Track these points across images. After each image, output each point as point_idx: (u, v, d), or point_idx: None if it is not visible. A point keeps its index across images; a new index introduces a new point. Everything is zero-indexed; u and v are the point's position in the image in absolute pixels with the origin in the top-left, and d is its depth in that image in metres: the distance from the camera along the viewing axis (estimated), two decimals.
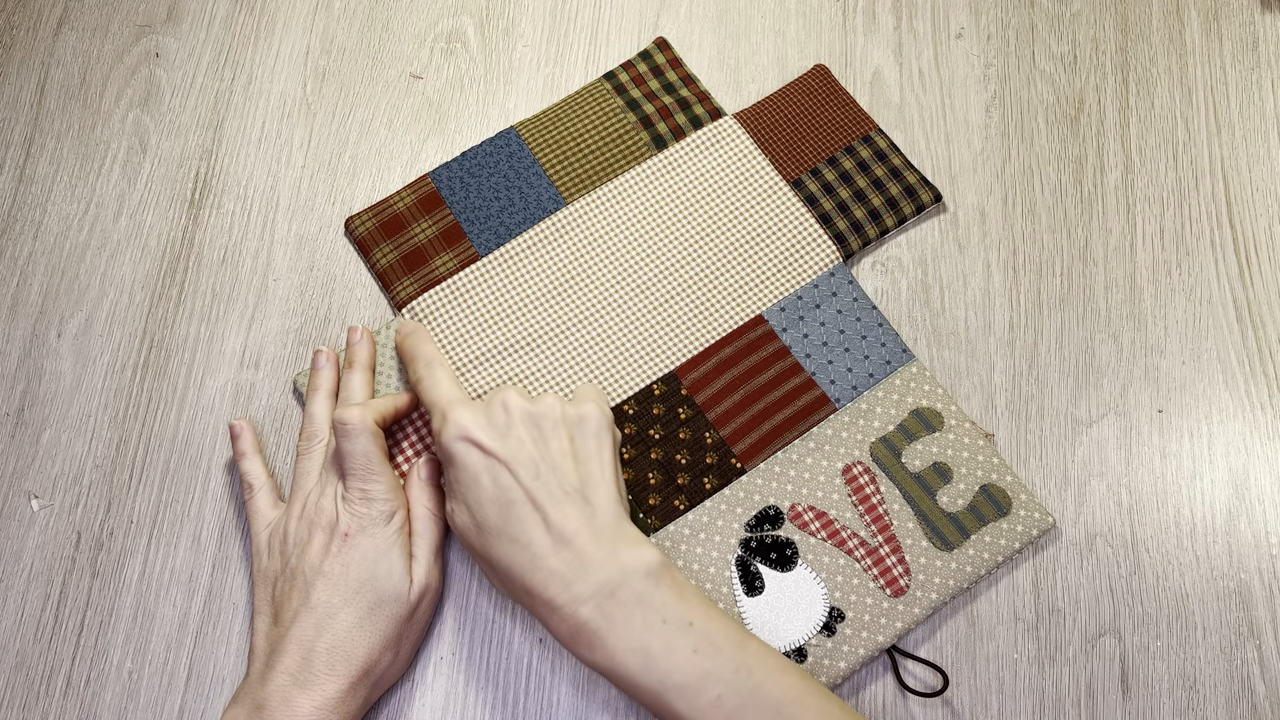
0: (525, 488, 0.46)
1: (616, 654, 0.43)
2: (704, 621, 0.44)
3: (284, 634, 0.46)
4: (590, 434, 0.48)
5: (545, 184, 0.59)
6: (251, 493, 0.52)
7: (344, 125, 0.62)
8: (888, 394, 0.54)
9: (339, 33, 0.65)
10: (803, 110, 0.61)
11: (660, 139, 0.60)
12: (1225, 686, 0.49)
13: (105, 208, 0.60)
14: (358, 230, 0.59)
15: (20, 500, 0.54)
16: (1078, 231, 0.58)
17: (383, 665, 0.47)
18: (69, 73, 0.64)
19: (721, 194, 0.59)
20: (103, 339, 0.57)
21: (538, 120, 0.61)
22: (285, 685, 0.45)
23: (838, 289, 0.56)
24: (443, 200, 0.59)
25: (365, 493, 0.49)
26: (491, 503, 0.46)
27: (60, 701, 0.51)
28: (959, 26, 0.63)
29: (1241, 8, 0.63)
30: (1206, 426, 0.54)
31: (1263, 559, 0.51)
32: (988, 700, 0.49)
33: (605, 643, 0.43)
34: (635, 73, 0.62)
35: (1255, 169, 0.59)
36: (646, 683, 0.43)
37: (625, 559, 0.45)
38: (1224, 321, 0.56)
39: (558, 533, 0.45)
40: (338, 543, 0.48)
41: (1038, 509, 0.52)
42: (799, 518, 0.52)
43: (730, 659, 0.43)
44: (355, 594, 0.47)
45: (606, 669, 0.44)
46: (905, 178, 0.59)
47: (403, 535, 0.49)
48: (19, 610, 0.52)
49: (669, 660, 0.43)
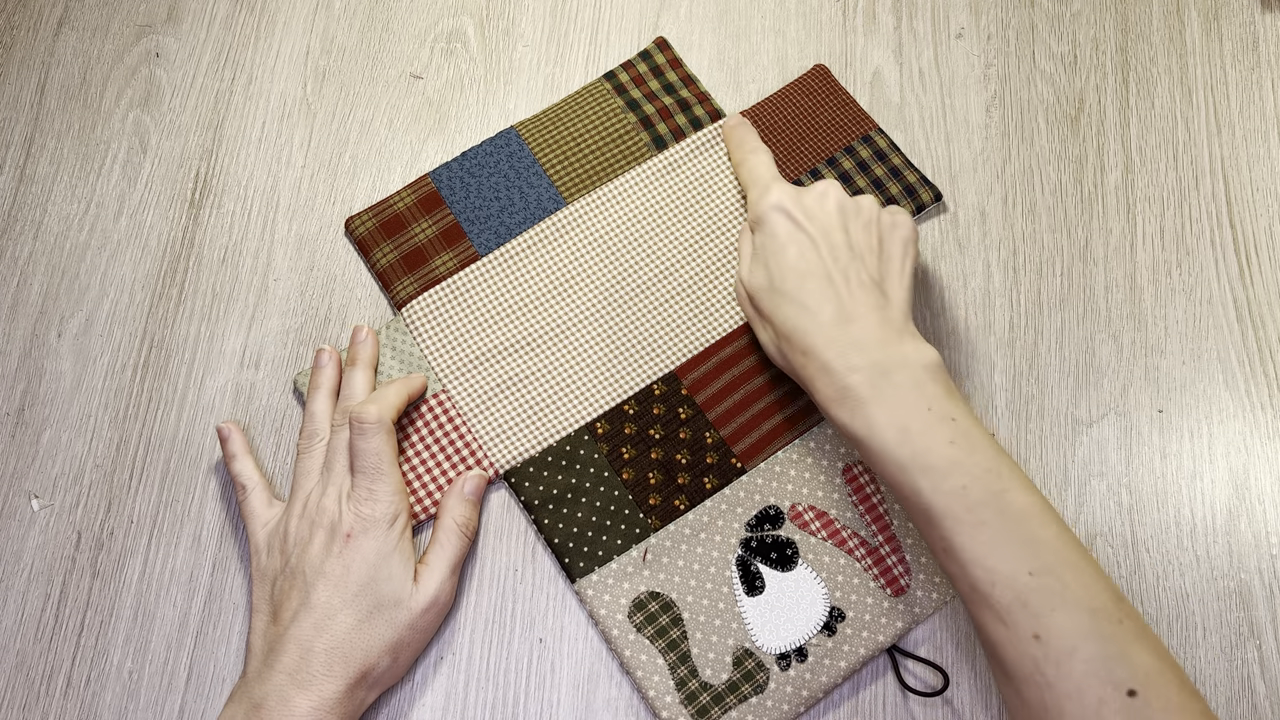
0: (827, 265, 0.48)
1: (876, 423, 0.44)
2: (966, 421, 0.45)
3: (283, 633, 0.46)
4: (900, 240, 0.50)
5: (545, 184, 0.59)
6: (245, 493, 0.52)
7: (344, 125, 0.62)
8: None
9: (339, 33, 0.65)
10: (803, 110, 0.61)
11: (660, 139, 0.60)
12: (1225, 686, 0.49)
13: (105, 208, 0.60)
14: (358, 230, 0.59)
15: (20, 500, 0.54)
16: (1078, 231, 0.58)
17: (381, 668, 0.47)
18: (69, 73, 0.64)
19: (721, 195, 0.59)
20: (103, 339, 0.57)
21: (538, 120, 0.61)
22: (283, 684, 0.45)
23: None
24: (443, 200, 0.59)
25: (371, 492, 0.49)
26: (792, 270, 0.49)
27: (60, 701, 0.51)
28: (959, 26, 0.63)
29: (1241, 8, 0.63)
30: (1207, 426, 0.54)
31: (1263, 559, 0.51)
32: (988, 700, 0.49)
33: (867, 410, 0.45)
34: (635, 73, 0.62)
35: (1255, 169, 0.59)
36: (898, 456, 0.44)
37: (908, 349, 0.46)
38: (1224, 321, 0.56)
39: (848, 311, 0.47)
40: (339, 543, 0.48)
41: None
42: (799, 517, 0.52)
43: (983, 460, 0.43)
44: (356, 596, 0.47)
45: (863, 435, 0.45)
46: (905, 177, 0.59)
47: (405, 539, 0.49)
48: (19, 610, 0.52)
49: (925, 441, 0.44)
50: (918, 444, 0.43)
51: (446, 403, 0.55)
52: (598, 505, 0.52)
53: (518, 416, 0.54)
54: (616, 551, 0.51)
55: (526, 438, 0.54)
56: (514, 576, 0.52)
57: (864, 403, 0.45)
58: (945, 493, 0.43)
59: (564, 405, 0.54)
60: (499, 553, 0.53)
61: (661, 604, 0.50)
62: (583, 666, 0.51)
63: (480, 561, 0.53)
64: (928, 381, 0.45)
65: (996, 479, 0.43)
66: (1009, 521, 0.42)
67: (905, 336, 0.47)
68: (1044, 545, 0.42)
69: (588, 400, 0.55)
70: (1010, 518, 0.42)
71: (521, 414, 0.54)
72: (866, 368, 0.45)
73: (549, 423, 0.54)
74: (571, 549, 0.52)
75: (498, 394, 0.55)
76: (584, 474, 0.53)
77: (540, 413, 0.54)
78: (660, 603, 0.50)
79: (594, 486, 0.53)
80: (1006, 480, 0.43)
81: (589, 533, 0.52)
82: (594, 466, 0.53)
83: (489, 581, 0.52)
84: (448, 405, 0.54)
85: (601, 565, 0.51)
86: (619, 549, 0.51)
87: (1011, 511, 0.42)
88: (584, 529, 0.52)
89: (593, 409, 0.54)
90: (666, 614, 0.50)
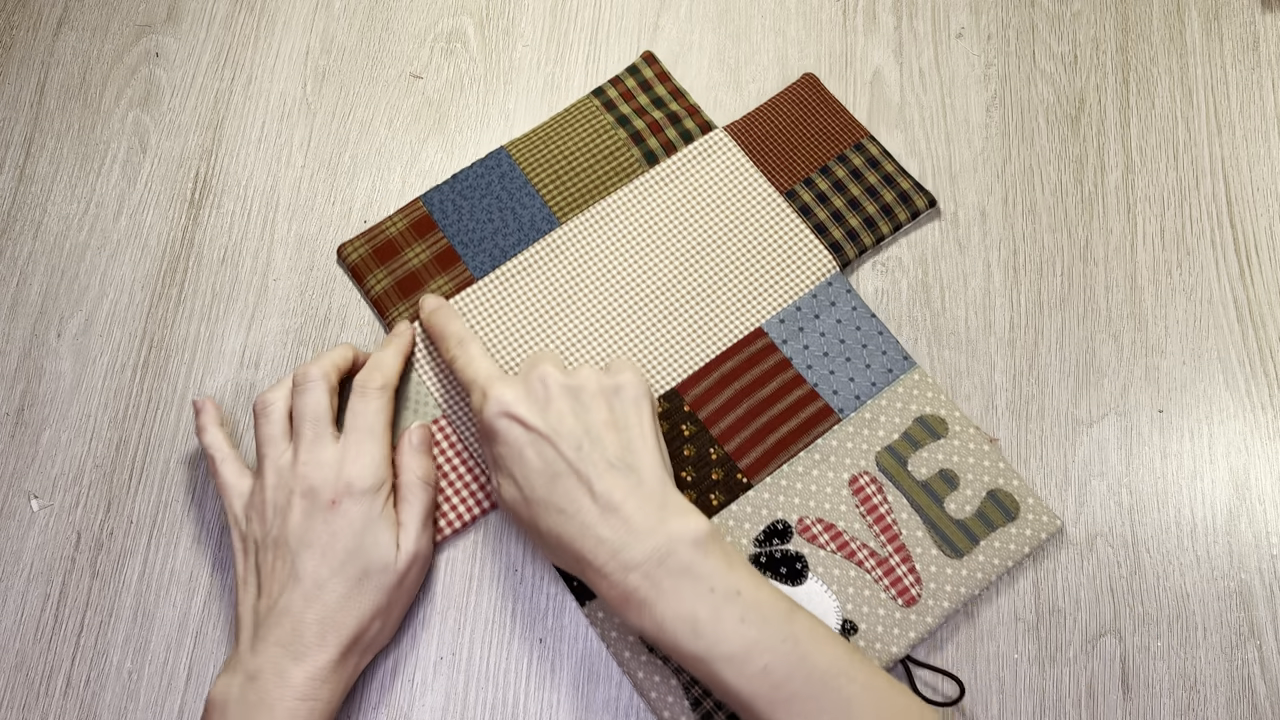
0: (569, 460, 0.46)
1: (665, 621, 0.43)
2: (752, 591, 0.44)
3: (272, 605, 0.46)
4: (629, 402, 0.48)
5: (538, 204, 0.58)
6: (215, 464, 0.51)
7: (344, 125, 0.62)
8: (891, 402, 0.54)
9: (339, 33, 0.65)
10: (793, 120, 0.60)
11: (651, 154, 0.59)
12: (1226, 687, 0.49)
13: (105, 207, 0.60)
14: (350, 257, 0.58)
15: (20, 500, 0.54)
16: (1078, 231, 0.58)
17: (372, 633, 0.48)
18: (69, 73, 0.64)
19: (715, 208, 0.58)
20: (103, 339, 0.57)
21: (528, 139, 0.60)
22: (277, 656, 0.45)
23: (836, 298, 0.56)
24: (436, 224, 0.58)
25: (362, 451, 0.49)
26: (538, 475, 0.46)
27: (60, 701, 0.51)
28: (959, 26, 0.63)
29: (1242, 8, 0.63)
30: (1207, 426, 0.54)
31: (1263, 559, 0.51)
32: (988, 700, 0.49)
33: (654, 610, 0.44)
34: (624, 88, 0.62)
35: (1256, 168, 0.59)
36: (694, 650, 0.43)
37: (673, 527, 0.45)
38: (1224, 321, 0.56)
39: (604, 502, 0.45)
40: (324, 511, 0.47)
41: (1045, 512, 0.51)
42: (807, 530, 0.52)
43: (777, 629, 0.43)
44: (343, 564, 0.47)
45: (655, 635, 0.44)
46: (899, 184, 0.58)
47: (389, 506, 0.49)
48: (19, 610, 0.52)
49: (716, 629, 0.43)
50: (710, 634, 0.43)
51: (447, 428, 0.54)
52: None
53: None
54: None
55: None
56: (514, 576, 0.52)
57: (648, 604, 0.44)
58: (749, 677, 0.42)
59: None
60: (499, 553, 0.53)
61: None
62: (583, 666, 0.51)
63: (480, 561, 0.53)
64: (701, 559, 0.44)
65: (795, 646, 0.43)
66: (816, 688, 0.42)
67: (669, 513, 0.45)
68: (856, 701, 0.42)
69: None
70: (817, 684, 0.42)
71: None
72: (640, 563, 0.44)
73: None
74: None
75: None
76: None
77: None
78: None
79: None
80: (805, 644, 0.43)
81: None
82: None
83: (489, 581, 0.52)
84: (448, 431, 0.54)
85: None
86: None
87: (817, 676, 0.42)
88: None
89: None
90: None
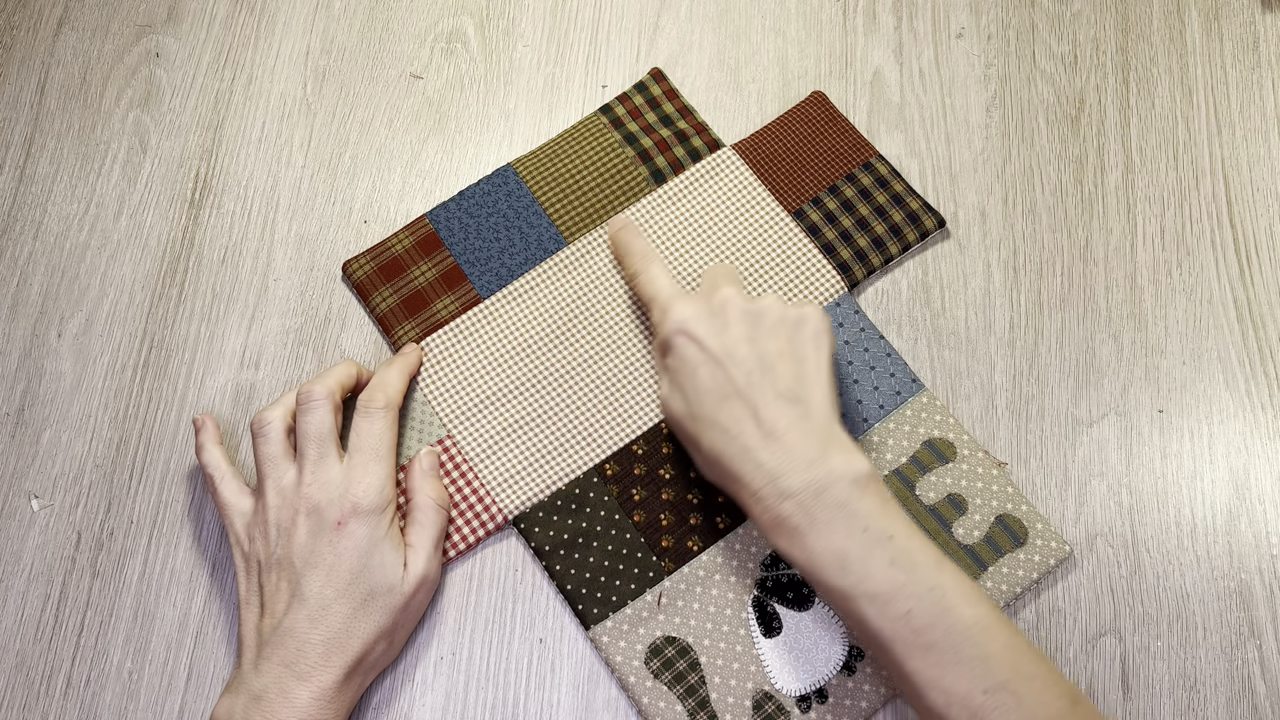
0: (738, 385, 0.47)
1: (814, 553, 0.44)
2: (905, 537, 0.44)
3: (276, 625, 0.46)
4: (808, 335, 0.49)
5: (545, 223, 0.58)
6: (215, 483, 0.51)
7: (344, 125, 0.62)
8: (899, 425, 0.53)
9: (339, 33, 0.65)
10: (801, 138, 0.60)
11: (659, 173, 0.59)
12: (1226, 687, 0.49)
13: (105, 208, 0.60)
14: (355, 274, 0.58)
15: (20, 500, 0.54)
16: (1078, 231, 0.58)
17: (376, 654, 0.48)
18: (69, 73, 0.64)
19: (723, 227, 0.58)
20: (103, 339, 0.57)
21: (535, 157, 0.60)
22: (281, 677, 0.45)
23: (844, 319, 0.56)
24: (442, 241, 0.58)
25: (368, 471, 0.49)
26: (707, 394, 0.47)
27: (60, 701, 0.51)
28: (959, 26, 0.63)
29: (1242, 8, 0.63)
30: (1207, 426, 0.54)
31: (1263, 559, 0.51)
32: None
33: (805, 540, 0.44)
34: (632, 105, 0.61)
35: (1256, 169, 0.59)
36: (840, 585, 0.43)
37: (834, 463, 0.45)
38: (1224, 321, 0.56)
39: (768, 428, 0.46)
40: (329, 531, 0.47)
41: (1054, 538, 0.51)
42: None
43: (925, 577, 0.43)
44: (349, 585, 0.47)
45: (803, 564, 0.44)
46: (908, 204, 0.58)
47: (395, 526, 0.49)
48: (19, 610, 0.52)
49: (864, 568, 0.43)
50: (858, 571, 0.43)
51: (452, 449, 0.54)
52: (609, 549, 0.51)
53: (525, 461, 0.53)
54: (630, 596, 0.51)
55: (535, 482, 0.53)
56: (514, 576, 0.52)
57: (800, 532, 0.44)
58: (891, 619, 0.42)
59: (572, 447, 0.54)
60: (499, 553, 0.53)
61: (678, 649, 0.50)
62: (583, 666, 0.51)
63: (480, 561, 0.53)
64: (860, 497, 0.44)
65: (941, 597, 0.42)
66: (957, 640, 0.42)
67: (831, 448, 0.45)
68: (995, 660, 0.41)
69: (596, 441, 0.54)
70: (958, 636, 0.42)
71: (529, 458, 0.53)
72: (797, 491, 0.44)
73: (557, 466, 0.53)
74: (585, 595, 0.51)
75: (504, 438, 0.54)
76: (595, 517, 0.52)
77: (548, 456, 0.53)
78: (677, 647, 0.50)
79: (605, 530, 0.52)
80: (951, 596, 0.43)
81: (601, 578, 0.51)
82: (605, 509, 0.52)
83: (489, 581, 0.52)
84: (454, 451, 0.54)
85: (615, 611, 0.50)
86: (633, 594, 0.51)
87: (959, 630, 0.42)
88: (596, 574, 0.51)
89: (601, 450, 0.53)
90: (684, 659, 0.49)
